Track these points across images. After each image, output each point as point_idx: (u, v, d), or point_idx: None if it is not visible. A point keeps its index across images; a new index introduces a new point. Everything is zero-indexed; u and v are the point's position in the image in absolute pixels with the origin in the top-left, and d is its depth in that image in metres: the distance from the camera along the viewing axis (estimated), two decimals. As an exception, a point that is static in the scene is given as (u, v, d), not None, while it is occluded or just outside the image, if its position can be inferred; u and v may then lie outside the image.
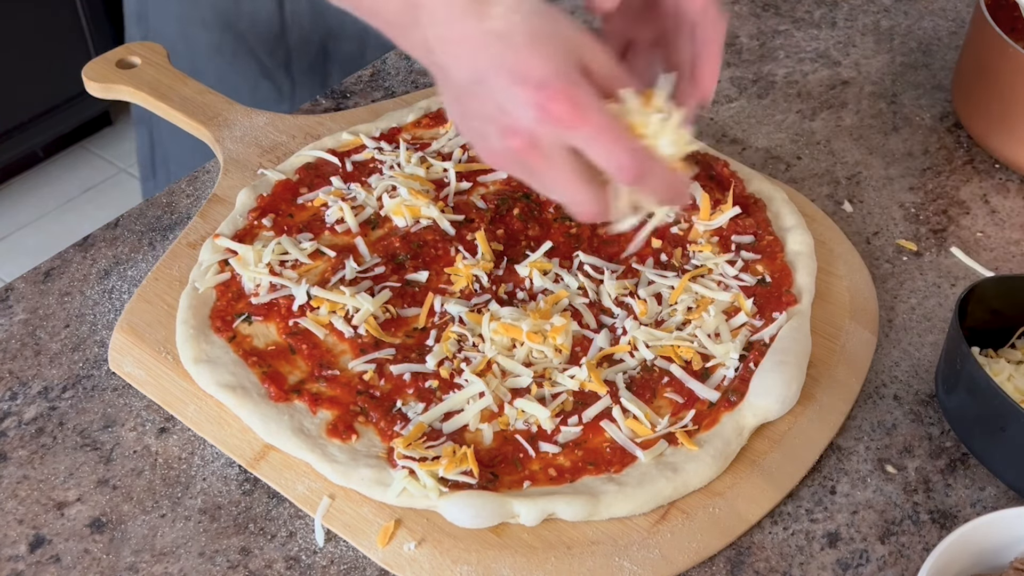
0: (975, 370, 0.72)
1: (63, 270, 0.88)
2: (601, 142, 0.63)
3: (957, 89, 1.04)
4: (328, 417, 0.75)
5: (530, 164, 0.64)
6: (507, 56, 0.62)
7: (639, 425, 0.74)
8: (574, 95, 0.61)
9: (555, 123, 0.62)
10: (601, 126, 0.62)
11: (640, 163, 0.64)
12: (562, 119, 0.61)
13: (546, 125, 0.62)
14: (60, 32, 2.45)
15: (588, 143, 0.63)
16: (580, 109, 0.61)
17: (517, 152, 0.64)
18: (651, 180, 0.65)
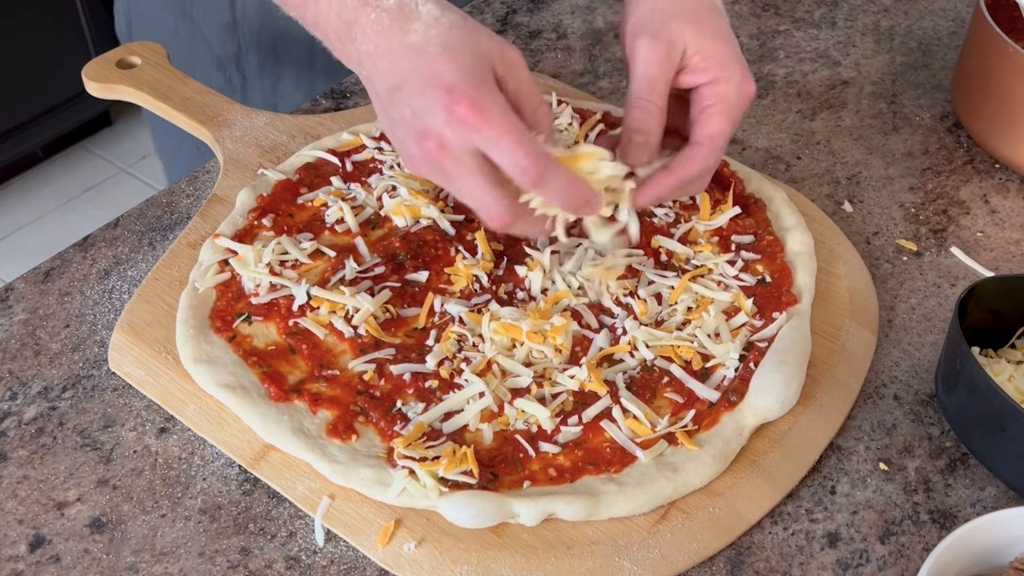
0: (975, 370, 0.72)
1: (63, 270, 0.88)
2: (502, 144, 0.66)
3: (957, 89, 1.04)
4: (328, 417, 0.75)
5: (443, 167, 0.68)
6: (421, 64, 0.67)
7: (639, 425, 0.74)
8: (478, 98, 0.65)
9: (459, 124, 0.66)
10: (503, 128, 0.66)
11: (540, 166, 0.67)
12: (466, 120, 0.65)
13: (453, 127, 0.66)
14: (60, 32, 2.45)
15: (490, 145, 0.66)
16: (483, 112, 0.65)
17: (431, 155, 0.68)
18: (553, 184, 0.68)
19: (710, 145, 0.76)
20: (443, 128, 0.66)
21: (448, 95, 0.65)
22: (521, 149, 0.66)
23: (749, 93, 0.77)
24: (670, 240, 0.87)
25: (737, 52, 0.77)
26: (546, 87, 1.06)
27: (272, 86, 1.17)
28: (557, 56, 1.13)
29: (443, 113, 0.66)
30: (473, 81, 0.66)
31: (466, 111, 0.65)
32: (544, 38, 1.16)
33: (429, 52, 0.67)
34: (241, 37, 1.13)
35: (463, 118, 0.65)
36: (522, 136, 0.66)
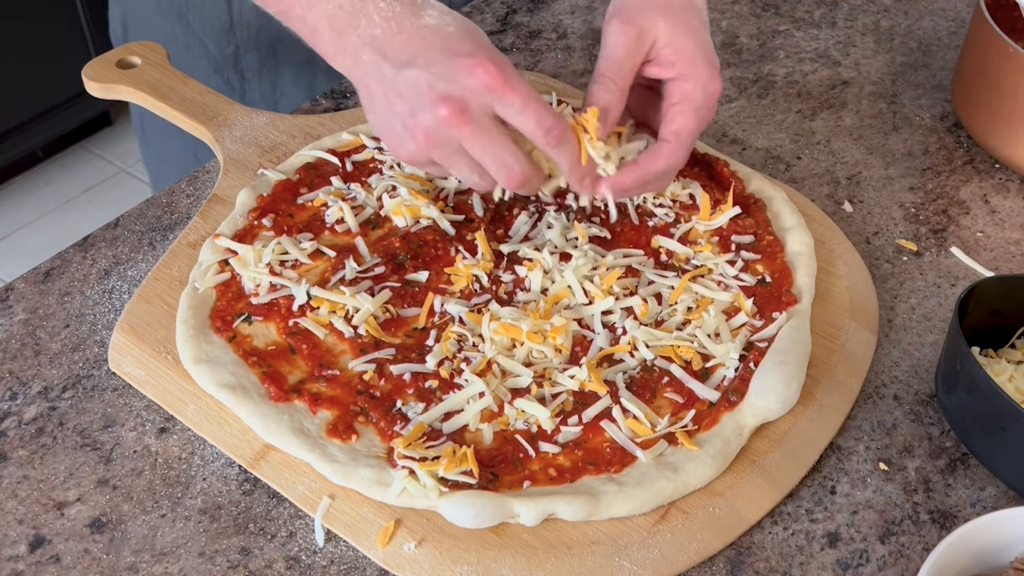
0: (975, 370, 0.72)
1: (63, 270, 0.88)
2: (529, 107, 0.70)
3: (957, 89, 1.04)
4: (328, 417, 0.75)
5: (459, 134, 0.70)
6: (439, 39, 0.70)
7: (639, 425, 0.74)
8: (502, 66, 0.69)
9: (484, 88, 0.69)
10: (528, 94, 0.70)
11: (563, 128, 0.72)
12: (491, 85, 0.68)
13: (476, 91, 0.69)
14: (60, 32, 2.45)
15: (515, 109, 0.70)
16: (508, 78, 0.69)
17: (447, 122, 0.69)
18: (569, 147, 0.73)
19: (676, 142, 0.77)
20: (465, 92, 0.69)
21: (471, 60, 0.69)
22: (546, 111, 0.71)
23: (715, 92, 0.78)
24: (670, 240, 0.87)
25: (707, 50, 0.79)
26: (546, 87, 1.06)
27: (271, 87, 1.17)
28: (557, 56, 1.13)
29: (467, 77, 0.68)
30: (492, 54, 0.70)
31: (492, 76, 0.68)
32: (544, 38, 1.16)
33: (447, 31, 0.70)
34: (239, 39, 1.14)
35: (488, 83, 0.68)
36: (543, 101, 0.71)
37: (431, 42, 0.70)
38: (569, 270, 0.83)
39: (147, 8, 1.17)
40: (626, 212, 0.90)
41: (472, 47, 0.70)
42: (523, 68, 1.11)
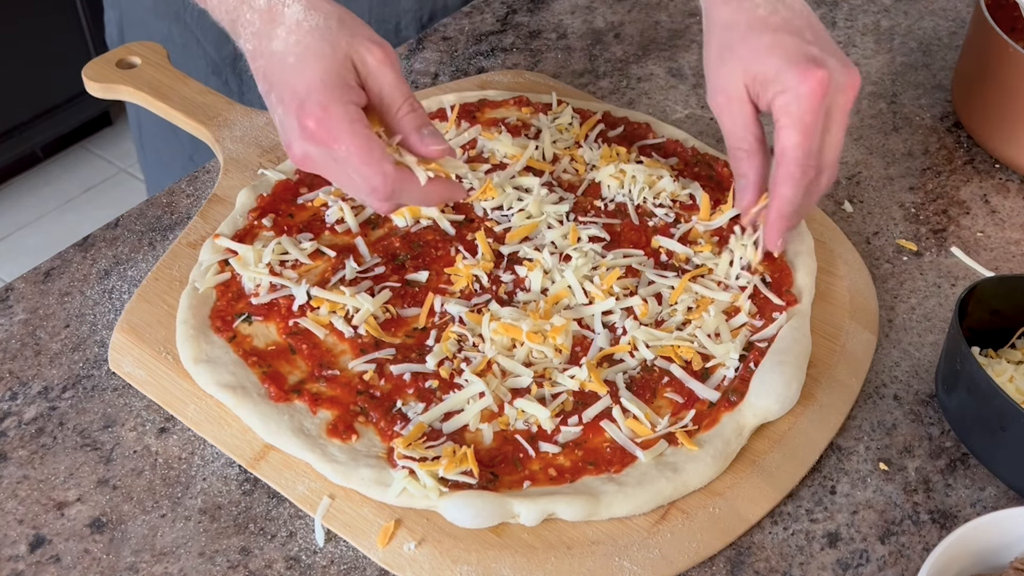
0: (975, 370, 0.72)
1: (63, 270, 0.88)
2: (352, 163, 0.68)
3: (957, 89, 1.04)
4: (328, 417, 0.75)
5: (316, 169, 0.71)
6: (280, 75, 0.69)
7: (639, 425, 0.74)
8: (324, 115, 0.67)
9: (311, 139, 0.68)
10: (350, 146, 0.68)
11: (388, 184, 0.70)
12: (315, 136, 0.67)
13: (307, 141, 0.68)
14: (60, 32, 2.45)
15: (341, 161, 0.68)
16: (330, 129, 0.67)
17: (300, 162, 0.70)
18: (408, 194, 0.72)
19: (784, 162, 0.76)
20: (300, 141, 0.69)
21: (300, 110, 0.67)
22: (368, 168, 0.68)
23: (813, 89, 0.73)
24: (670, 240, 0.87)
25: (790, 52, 0.75)
26: (546, 87, 1.06)
27: None
28: (557, 56, 1.13)
29: (297, 128, 0.68)
30: (322, 95, 0.67)
31: (314, 127, 0.67)
32: (544, 38, 1.16)
33: (287, 62, 0.69)
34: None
35: (312, 133, 0.67)
36: (368, 154, 0.68)
37: (275, 78, 0.69)
38: (569, 270, 0.83)
39: (143, 10, 1.16)
40: (626, 212, 0.90)
41: (304, 86, 0.68)
42: (523, 68, 1.11)
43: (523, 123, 0.99)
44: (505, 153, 0.94)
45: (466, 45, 1.14)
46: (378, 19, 1.16)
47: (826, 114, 0.75)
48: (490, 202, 0.90)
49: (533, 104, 1.01)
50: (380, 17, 1.16)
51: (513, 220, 0.88)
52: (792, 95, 0.74)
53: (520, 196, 0.90)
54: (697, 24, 1.19)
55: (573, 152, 0.95)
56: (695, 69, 1.12)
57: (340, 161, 0.69)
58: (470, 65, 1.12)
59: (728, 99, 0.78)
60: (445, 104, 1.00)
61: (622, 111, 1.02)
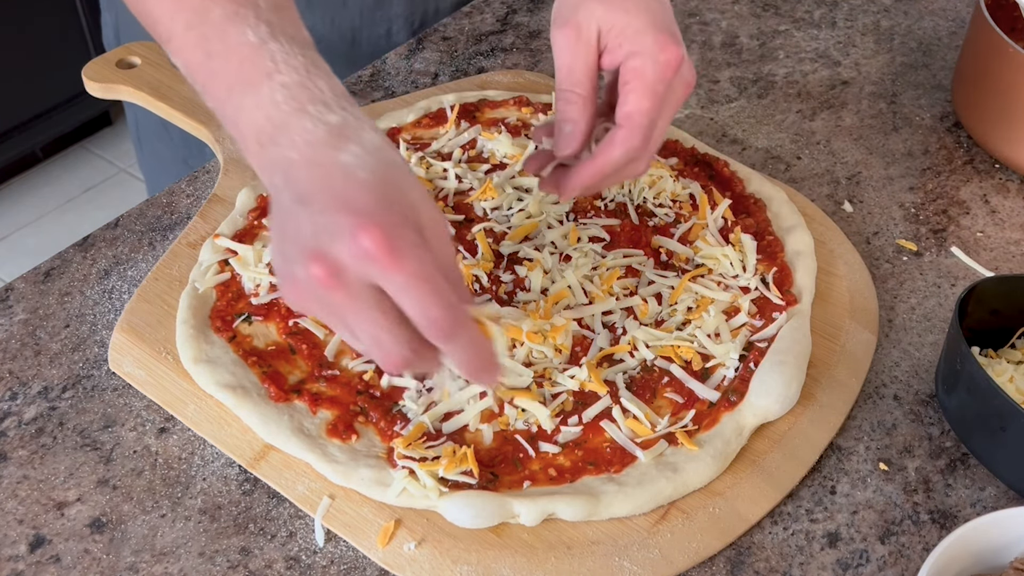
0: (975, 370, 0.72)
1: (63, 270, 0.88)
2: (412, 291, 0.58)
3: (957, 89, 1.04)
4: (328, 417, 0.75)
5: (331, 299, 0.59)
6: (340, 183, 0.59)
7: (639, 425, 0.74)
8: (392, 234, 0.57)
9: (363, 256, 0.57)
10: (416, 273, 0.58)
11: (454, 320, 0.59)
12: (371, 254, 0.57)
13: (355, 257, 0.57)
14: (60, 32, 2.45)
15: (398, 288, 0.58)
16: (395, 250, 0.57)
17: (319, 282, 0.58)
18: (462, 342, 0.61)
19: (628, 125, 0.72)
20: (342, 255, 0.58)
21: (357, 221, 0.57)
22: (433, 298, 0.58)
23: (669, 62, 0.71)
24: (670, 240, 0.87)
25: (658, 20, 0.72)
26: (546, 87, 1.06)
27: None
28: (557, 56, 1.13)
29: (348, 239, 0.57)
30: (392, 216, 0.58)
31: (374, 244, 0.57)
32: (544, 38, 1.16)
33: (356, 175, 0.59)
34: None
35: (369, 251, 0.57)
36: (436, 284, 0.59)
37: (333, 184, 0.59)
38: (569, 270, 0.83)
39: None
40: (626, 212, 0.90)
41: (371, 203, 0.58)
42: (523, 68, 1.11)
43: (523, 123, 0.99)
44: (505, 153, 0.94)
45: (466, 45, 1.14)
46: (368, 24, 1.16)
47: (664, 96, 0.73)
48: (490, 202, 0.90)
49: (533, 104, 1.01)
50: (371, 22, 1.16)
51: (513, 220, 0.88)
52: (649, 60, 0.71)
53: (520, 196, 0.90)
54: (697, 24, 1.19)
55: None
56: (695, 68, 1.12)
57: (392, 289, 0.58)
58: (470, 65, 1.12)
59: (578, 36, 0.73)
60: (445, 104, 1.00)
61: (622, 111, 1.01)
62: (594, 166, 0.74)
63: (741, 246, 0.87)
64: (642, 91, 0.71)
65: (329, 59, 0.66)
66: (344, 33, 1.14)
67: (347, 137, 0.61)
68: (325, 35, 1.13)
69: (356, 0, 1.13)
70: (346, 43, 1.15)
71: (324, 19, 1.12)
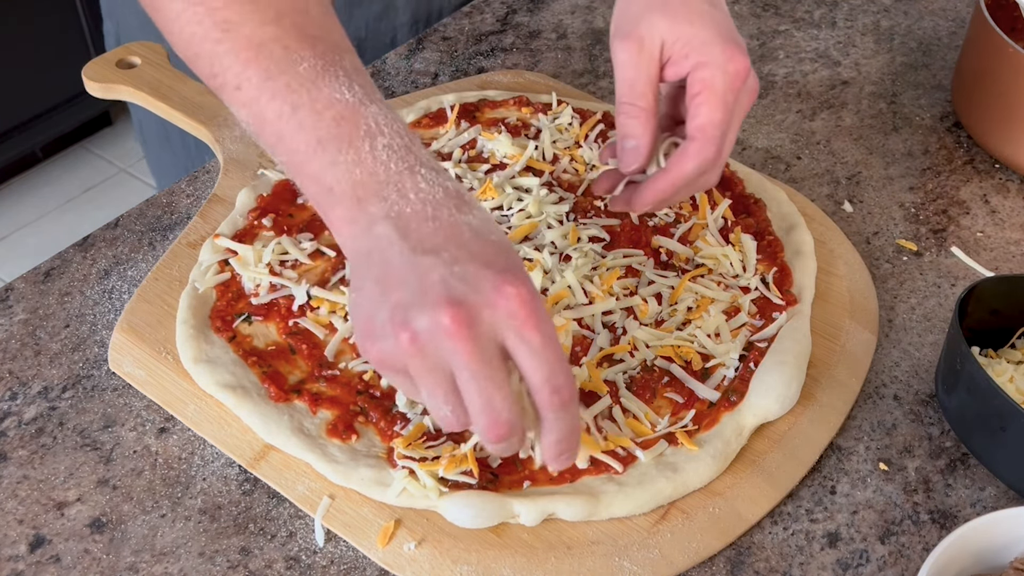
0: (975, 370, 0.72)
1: (63, 270, 0.88)
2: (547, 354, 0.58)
3: (957, 89, 1.04)
4: (328, 417, 0.75)
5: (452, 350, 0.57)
6: (475, 241, 0.59)
7: (639, 425, 0.74)
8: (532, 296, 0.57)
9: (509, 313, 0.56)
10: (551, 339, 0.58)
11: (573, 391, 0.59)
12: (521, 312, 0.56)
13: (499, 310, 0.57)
14: (60, 32, 2.45)
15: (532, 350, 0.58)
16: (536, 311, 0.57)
17: (446, 331, 0.56)
18: (570, 415, 0.60)
19: (702, 138, 0.71)
20: (481, 306, 0.56)
21: (504, 277, 0.57)
22: (563, 366, 0.58)
23: (738, 71, 0.72)
24: (670, 240, 0.87)
25: (723, 30, 0.72)
26: (546, 87, 1.06)
27: None
28: (557, 56, 1.13)
29: (493, 292, 0.56)
30: (525, 277, 0.58)
31: (522, 302, 0.56)
32: (544, 38, 1.16)
33: (489, 237, 0.59)
34: None
35: (516, 309, 0.56)
36: (562, 353, 0.59)
37: (465, 241, 0.58)
38: (569, 270, 0.83)
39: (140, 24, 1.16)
40: (626, 212, 0.90)
41: (509, 264, 0.58)
42: (523, 68, 1.11)
43: (523, 123, 0.99)
44: (505, 153, 0.94)
45: (466, 45, 1.14)
46: (374, 34, 1.16)
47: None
48: (490, 202, 0.90)
49: (533, 104, 1.01)
50: (376, 32, 1.16)
51: (513, 220, 0.88)
52: (719, 71, 0.71)
53: (520, 196, 0.90)
54: (697, 24, 1.19)
55: (573, 152, 0.95)
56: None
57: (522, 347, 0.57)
58: (470, 65, 1.12)
59: (640, 48, 0.72)
60: (445, 104, 1.00)
61: (622, 111, 1.01)
62: (667, 179, 0.73)
63: (741, 246, 0.87)
64: (714, 102, 0.71)
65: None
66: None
67: (467, 202, 0.60)
68: None
69: (362, 12, 1.13)
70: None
71: None
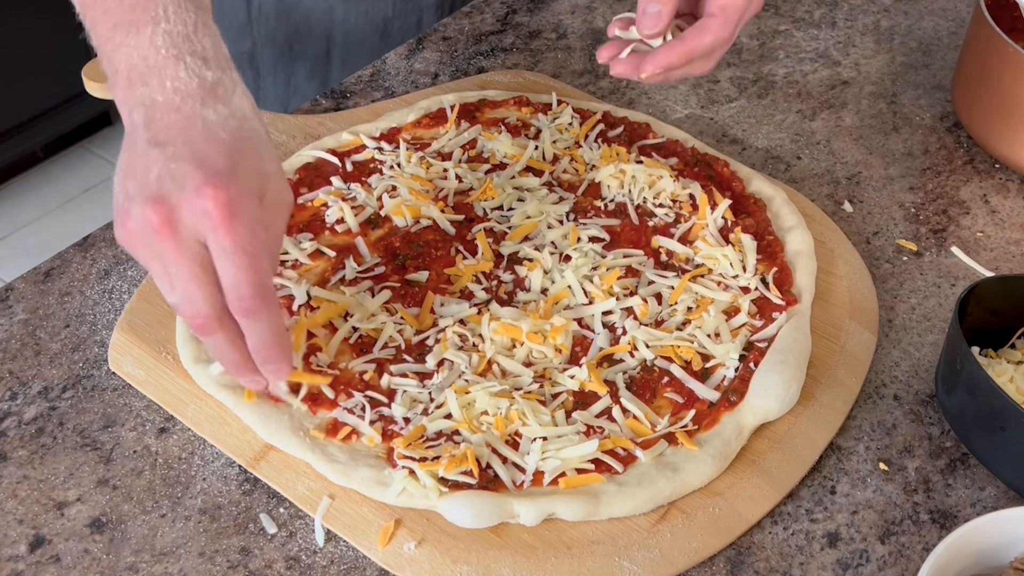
0: (975, 370, 0.72)
1: (63, 270, 0.88)
2: (233, 259, 0.61)
3: (957, 89, 1.04)
4: (328, 417, 0.74)
5: (159, 245, 0.61)
6: (197, 136, 0.62)
7: (639, 425, 0.74)
8: (234, 200, 0.60)
9: (204, 213, 0.60)
10: (243, 245, 0.61)
11: (260, 300, 0.62)
12: (210, 213, 0.60)
13: (193, 210, 0.60)
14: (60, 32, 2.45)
15: (222, 252, 0.61)
16: (233, 216, 0.60)
17: (152, 227, 0.61)
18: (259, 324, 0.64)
19: (723, 16, 0.76)
20: (181, 206, 0.61)
21: (206, 179, 0.60)
22: (248, 272, 0.62)
23: None
24: (670, 240, 0.87)
25: None
26: (546, 87, 1.06)
27: (285, 83, 1.17)
28: (557, 56, 1.13)
29: (193, 192, 0.60)
30: (239, 181, 0.62)
31: (215, 205, 0.60)
32: (544, 38, 1.16)
33: (217, 134, 0.63)
34: (256, 35, 1.13)
35: (208, 209, 0.60)
36: (257, 262, 0.62)
37: (193, 137, 0.62)
38: (569, 270, 0.83)
39: None
40: (626, 212, 0.90)
41: (223, 164, 0.61)
42: (523, 68, 1.11)
43: (523, 123, 0.99)
44: (505, 153, 0.95)
45: (466, 45, 1.14)
46: (401, 13, 1.17)
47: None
48: (490, 202, 0.90)
49: (533, 104, 1.01)
50: (403, 11, 1.17)
51: (513, 220, 0.89)
52: None
53: (520, 196, 0.90)
54: (697, 24, 1.19)
55: (573, 152, 0.95)
56: (695, 69, 1.12)
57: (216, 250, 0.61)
58: (470, 65, 1.12)
59: None
60: (445, 104, 1.00)
61: (622, 111, 1.02)
62: (683, 47, 0.77)
63: (741, 246, 0.87)
64: None
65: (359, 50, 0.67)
66: (376, 23, 1.15)
67: (217, 96, 0.64)
68: (359, 26, 1.14)
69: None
70: (377, 33, 1.16)
71: (358, 11, 1.13)
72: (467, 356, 0.77)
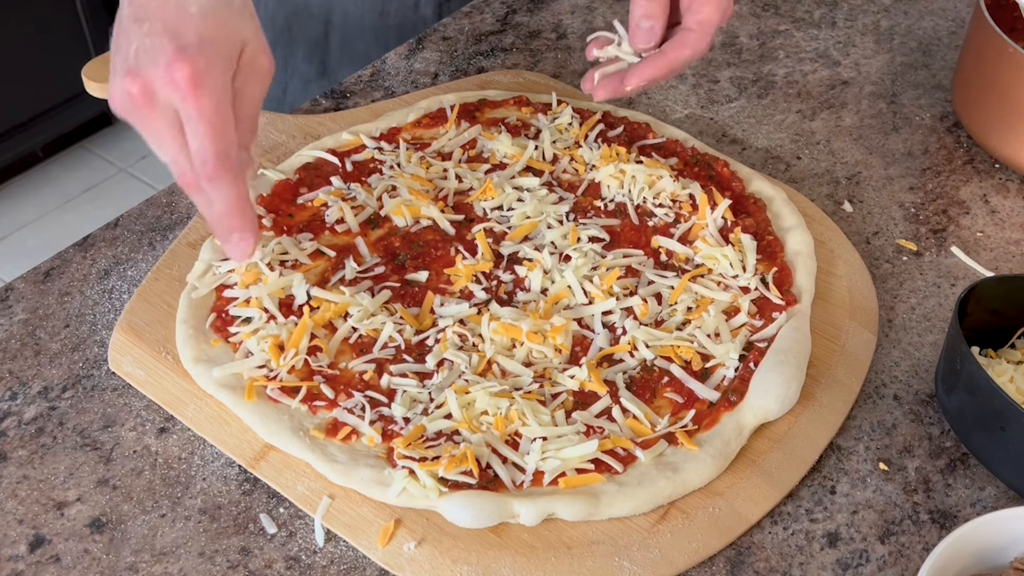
0: (975, 370, 0.72)
1: (63, 270, 0.88)
2: (198, 126, 0.65)
3: (957, 89, 1.04)
4: (328, 417, 0.74)
5: (141, 114, 0.67)
6: (172, 14, 0.66)
7: (639, 425, 0.74)
8: (200, 71, 0.65)
9: (171, 84, 0.65)
10: (206, 111, 0.65)
11: (220, 167, 0.66)
12: (177, 84, 0.64)
13: (163, 83, 0.65)
14: (60, 32, 2.45)
15: (188, 119, 0.66)
16: (198, 86, 0.65)
17: (131, 97, 0.66)
18: (221, 191, 0.67)
19: (700, 31, 0.80)
20: (154, 79, 0.65)
21: (176, 53, 0.65)
22: (210, 140, 0.66)
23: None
24: (670, 240, 0.87)
25: None
26: (546, 87, 1.06)
27: (283, 66, 1.17)
28: (557, 56, 1.13)
29: (162, 66, 0.65)
30: (207, 53, 0.66)
31: (182, 76, 0.64)
32: (544, 38, 1.16)
33: (188, 8, 0.67)
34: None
35: (176, 81, 0.65)
36: (221, 131, 0.66)
37: (168, 13, 0.66)
38: (569, 270, 0.83)
39: None
40: (626, 212, 0.90)
41: (193, 37, 0.66)
42: (523, 68, 1.11)
43: (523, 123, 0.99)
44: (505, 153, 0.95)
45: (466, 45, 1.14)
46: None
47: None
48: (490, 202, 0.90)
49: (533, 104, 1.01)
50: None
51: (513, 220, 0.89)
52: None
53: (520, 196, 0.90)
54: (697, 24, 1.19)
55: (573, 152, 0.95)
56: (695, 69, 1.12)
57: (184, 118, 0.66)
58: (470, 65, 1.12)
59: None
60: (445, 104, 1.00)
61: (622, 111, 1.02)
62: (664, 61, 0.82)
63: (741, 246, 0.87)
64: (715, 4, 0.81)
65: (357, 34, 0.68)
66: (374, 5, 1.15)
67: None
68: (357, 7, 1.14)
69: None
70: (375, 15, 1.16)
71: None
72: (467, 356, 0.78)
